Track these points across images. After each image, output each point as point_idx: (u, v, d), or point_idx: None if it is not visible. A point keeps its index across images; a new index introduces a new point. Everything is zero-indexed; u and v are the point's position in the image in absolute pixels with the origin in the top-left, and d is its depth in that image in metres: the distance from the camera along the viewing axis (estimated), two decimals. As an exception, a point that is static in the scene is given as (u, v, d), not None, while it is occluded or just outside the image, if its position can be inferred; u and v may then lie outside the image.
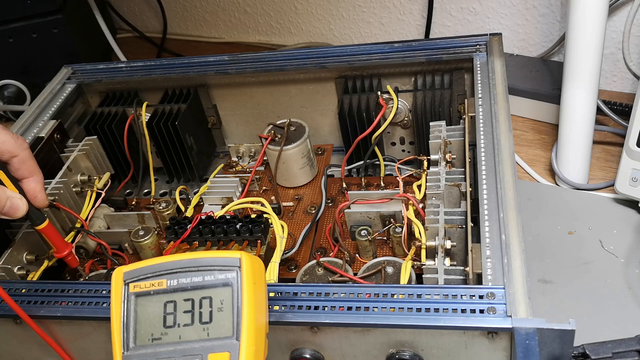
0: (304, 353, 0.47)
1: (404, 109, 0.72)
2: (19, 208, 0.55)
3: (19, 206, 0.55)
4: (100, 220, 0.73)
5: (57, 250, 0.62)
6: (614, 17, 0.88)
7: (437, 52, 0.69)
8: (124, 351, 0.42)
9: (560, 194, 0.78)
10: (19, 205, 0.55)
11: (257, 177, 0.74)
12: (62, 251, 0.62)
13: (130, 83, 0.79)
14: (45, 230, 0.59)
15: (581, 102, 0.73)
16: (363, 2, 1.08)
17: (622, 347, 0.45)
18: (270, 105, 0.78)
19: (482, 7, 0.98)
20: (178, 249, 0.62)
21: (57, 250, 0.62)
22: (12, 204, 0.54)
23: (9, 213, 0.54)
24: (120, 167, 0.79)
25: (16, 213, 0.55)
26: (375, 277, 0.56)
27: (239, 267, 0.42)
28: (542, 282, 0.66)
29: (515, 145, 0.86)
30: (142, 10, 1.32)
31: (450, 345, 0.44)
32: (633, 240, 0.69)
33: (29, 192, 0.57)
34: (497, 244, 0.47)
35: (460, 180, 0.58)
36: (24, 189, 0.56)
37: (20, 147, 0.55)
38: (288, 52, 0.74)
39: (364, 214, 0.64)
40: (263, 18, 1.20)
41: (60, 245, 0.61)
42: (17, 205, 0.55)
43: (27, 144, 0.56)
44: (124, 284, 0.43)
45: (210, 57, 0.77)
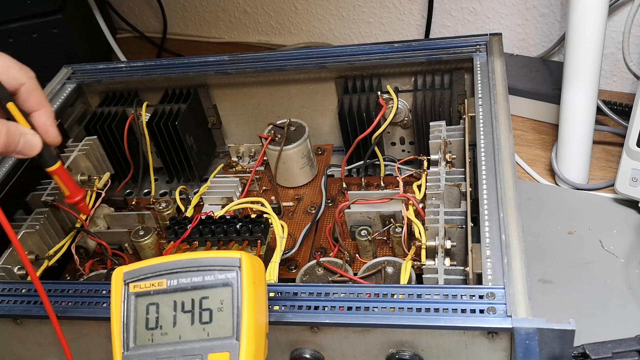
0: (304, 353, 0.47)
1: (404, 109, 0.72)
2: (34, 145, 0.50)
3: (34, 143, 0.50)
4: (100, 220, 0.73)
5: (70, 195, 0.57)
6: (614, 17, 0.88)
7: (437, 52, 0.69)
8: (124, 351, 0.42)
9: (560, 194, 0.78)
10: (34, 142, 0.50)
11: (257, 177, 0.74)
12: (74, 196, 0.58)
13: (130, 83, 0.79)
14: (58, 171, 0.55)
15: (581, 102, 0.73)
16: (363, 2, 1.08)
17: (622, 347, 0.45)
18: (270, 105, 0.78)
19: (482, 7, 0.98)
20: (178, 249, 0.62)
21: (69, 195, 0.57)
22: (26, 140, 0.49)
23: (23, 151, 0.50)
24: (120, 167, 0.79)
25: (31, 151, 0.50)
26: (375, 277, 0.56)
27: (239, 267, 0.42)
28: (542, 282, 0.66)
29: (515, 145, 0.86)
30: (142, 10, 1.32)
31: (450, 345, 0.44)
32: (633, 240, 0.69)
33: (39, 126, 0.51)
34: (497, 244, 0.47)
35: (460, 180, 0.58)
36: (34, 124, 0.51)
37: (27, 74, 0.51)
38: (288, 52, 0.74)
39: (364, 214, 0.64)
40: (263, 18, 1.20)
41: (74, 189, 0.57)
42: (31, 142, 0.50)
43: (33, 73, 0.51)
44: (124, 284, 0.43)
45: (210, 57, 0.77)
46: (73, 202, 0.58)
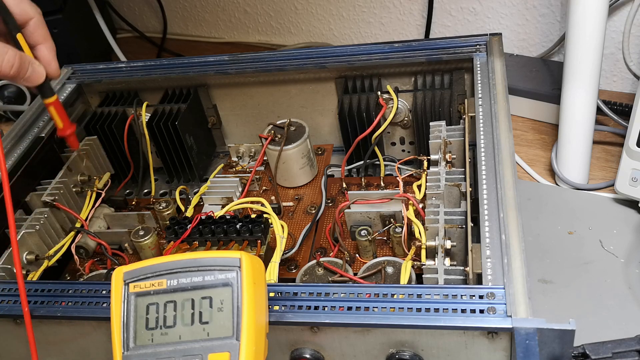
0: (304, 353, 0.47)
1: (404, 109, 0.72)
2: (39, 74, 0.54)
3: (40, 72, 0.54)
4: (100, 220, 0.73)
5: (63, 128, 0.61)
6: (614, 17, 0.88)
7: (437, 52, 0.69)
8: (124, 351, 0.42)
9: (560, 194, 0.78)
10: (40, 72, 0.54)
11: (257, 177, 0.74)
12: (67, 129, 0.61)
13: (130, 83, 0.79)
14: (54, 103, 0.59)
15: (581, 102, 0.73)
16: (363, 2, 1.08)
17: (622, 347, 0.45)
18: (270, 105, 0.78)
19: (482, 7, 0.98)
20: (178, 249, 0.62)
21: (62, 128, 0.61)
22: (33, 69, 0.53)
23: (30, 78, 0.53)
24: (120, 167, 0.79)
25: (37, 79, 0.54)
26: (375, 277, 0.56)
27: (239, 267, 0.42)
28: (542, 282, 0.66)
29: (515, 145, 0.86)
30: (142, 10, 1.32)
31: (450, 345, 0.44)
32: (633, 240, 0.69)
33: (43, 58, 0.55)
34: (497, 244, 0.47)
35: (460, 180, 0.58)
36: (38, 56, 0.55)
37: (36, 9, 0.55)
38: (288, 52, 0.74)
39: (364, 214, 0.64)
40: (263, 18, 1.20)
41: (67, 123, 0.61)
42: (38, 71, 0.54)
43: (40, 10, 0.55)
44: (124, 284, 0.43)
45: (210, 57, 0.77)
46: (65, 135, 0.62)
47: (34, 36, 0.55)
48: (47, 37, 0.56)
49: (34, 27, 0.55)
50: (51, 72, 0.56)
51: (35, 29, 0.55)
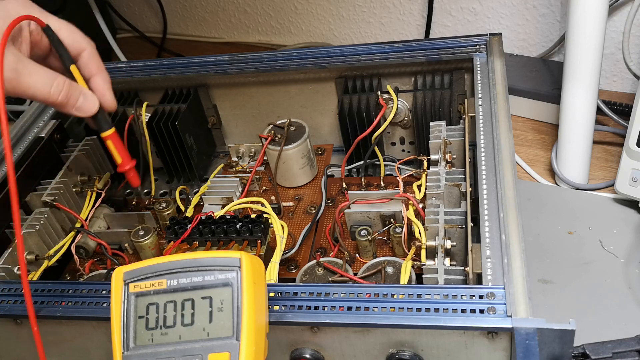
0: (304, 353, 0.47)
1: (404, 109, 0.72)
2: (92, 104, 0.54)
3: (92, 103, 0.54)
4: (100, 220, 0.73)
5: (122, 163, 0.59)
6: (614, 17, 0.88)
7: (437, 52, 0.69)
8: (124, 351, 0.42)
9: (560, 194, 0.78)
10: (92, 102, 0.54)
11: (257, 177, 0.74)
12: (126, 164, 0.59)
13: (130, 83, 0.79)
14: (112, 137, 0.57)
15: (581, 102, 0.73)
16: (363, 2, 1.08)
17: (622, 347, 0.45)
18: (270, 105, 0.78)
19: (482, 7, 0.98)
20: (178, 249, 0.62)
21: (122, 164, 0.59)
22: (85, 99, 0.53)
23: (82, 109, 0.53)
24: (121, 167, 0.79)
25: (89, 110, 0.53)
26: (375, 277, 0.56)
27: (239, 267, 0.42)
28: (542, 282, 0.66)
29: (515, 145, 0.86)
30: (142, 10, 1.32)
31: (450, 345, 0.44)
32: (633, 240, 0.69)
33: (97, 90, 0.55)
34: (497, 244, 0.47)
35: (460, 180, 0.58)
36: (92, 88, 0.55)
37: (89, 42, 0.55)
38: (288, 52, 0.74)
39: (364, 214, 0.64)
40: (263, 18, 1.20)
41: (126, 158, 0.59)
42: (90, 101, 0.54)
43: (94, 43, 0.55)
44: (124, 284, 0.43)
45: (210, 57, 0.77)
46: (124, 171, 0.59)
47: (88, 68, 0.55)
48: (101, 69, 0.56)
49: (88, 58, 0.55)
50: (106, 104, 0.56)
51: (88, 61, 0.55)
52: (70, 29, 0.54)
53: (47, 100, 0.51)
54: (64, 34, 0.54)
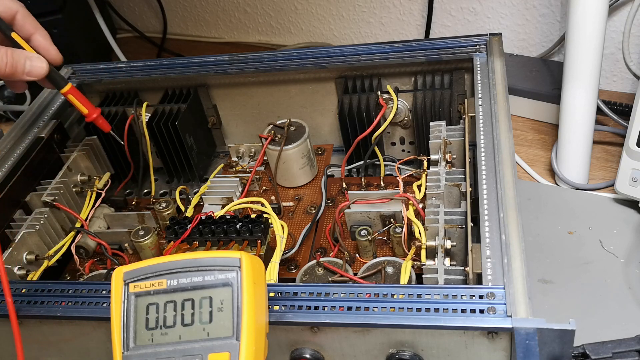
0: (304, 353, 0.47)
1: (404, 109, 0.72)
2: (40, 66, 0.54)
3: (40, 64, 0.54)
4: (100, 220, 0.73)
5: (88, 114, 0.62)
6: (614, 17, 0.88)
7: (437, 52, 0.69)
8: (124, 351, 0.42)
9: (560, 194, 0.78)
10: (39, 65, 0.54)
11: (257, 177, 0.74)
12: (92, 114, 0.62)
13: (130, 83, 0.79)
14: (71, 91, 0.59)
15: (581, 102, 0.73)
16: (363, 2, 1.08)
17: (622, 347, 0.45)
18: (270, 105, 0.78)
19: (482, 7, 0.98)
20: (178, 249, 0.62)
21: (88, 114, 0.62)
22: (32, 63, 0.53)
23: (32, 72, 0.54)
24: (120, 167, 0.79)
25: (40, 70, 0.54)
26: (375, 277, 0.56)
27: (239, 267, 0.42)
28: (542, 282, 0.66)
29: (515, 145, 0.86)
30: (142, 10, 1.32)
31: (450, 345, 0.44)
32: (633, 240, 0.69)
33: (40, 48, 0.55)
34: (497, 244, 0.47)
35: (460, 180, 0.58)
36: (34, 46, 0.55)
37: (18, 3, 0.55)
38: (288, 52, 0.74)
39: (364, 214, 0.64)
40: (263, 18, 1.20)
41: (90, 108, 0.61)
42: (37, 65, 0.54)
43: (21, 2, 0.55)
44: (124, 284, 0.43)
45: (210, 57, 0.77)
46: (92, 120, 0.63)
47: (25, 28, 0.55)
48: (37, 26, 0.56)
49: (22, 19, 0.55)
50: (52, 59, 0.56)
51: (24, 21, 0.55)
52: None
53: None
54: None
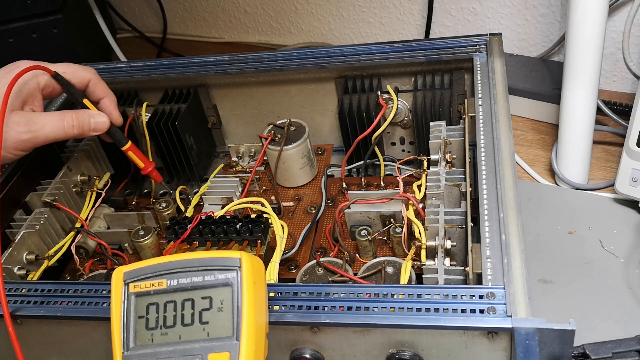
0: (304, 353, 0.47)
1: (404, 109, 0.72)
2: (102, 123, 0.62)
3: (102, 122, 0.62)
4: (100, 220, 0.73)
5: (145, 167, 0.68)
6: (614, 17, 0.88)
7: (437, 52, 0.69)
8: (124, 351, 0.42)
9: (560, 194, 0.78)
10: (102, 121, 0.63)
11: (257, 177, 0.74)
12: (147, 167, 0.68)
13: (130, 83, 0.79)
14: (131, 148, 0.67)
15: (581, 102, 0.73)
16: (363, 2, 1.08)
17: (622, 347, 0.45)
18: (270, 105, 0.78)
19: (482, 7, 0.98)
20: (178, 249, 0.62)
21: (144, 168, 0.68)
22: (95, 121, 0.62)
23: (96, 129, 0.62)
24: (120, 167, 0.79)
25: (101, 127, 0.63)
26: (375, 277, 0.56)
27: (239, 267, 0.42)
28: (542, 282, 0.66)
29: (515, 145, 0.86)
30: (142, 10, 1.32)
31: (450, 345, 0.44)
32: (633, 240, 0.69)
33: (105, 110, 0.64)
34: (497, 244, 0.47)
35: (460, 180, 0.58)
36: (101, 108, 0.64)
37: (90, 71, 0.63)
38: (288, 52, 0.74)
39: (364, 214, 0.64)
40: (263, 18, 1.20)
41: (146, 162, 0.68)
42: (100, 121, 0.62)
43: (94, 69, 0.64)
44: (124, 284, 0.43)
45: (210, 57, 0.77)
46: (147, 173, 0.69)
47: (95, 94, 0.64)
48: (107, 91, 0.65)
49: (93, 86, 0.64)
50: (114, 120, 0.65)
51: (94, 88, 0.64)
52: (71, 68, 0.62)
53: (66, 137, 0.60)
54: (69, 74, 0.62)
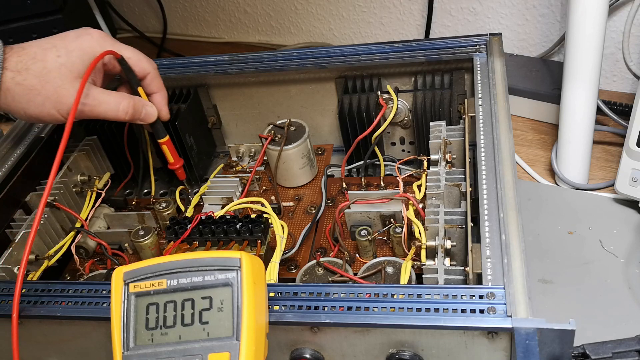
0: (304, 353, 0.47)
1: (404, 109, 0.72)
2: (152, 114, 0.65)
3: (152, 112, 0.65)
4: (100, 220, 0.73)
5: (173, 163, 0.70)
6: (614, 17, 0.88)
7: (437, 52, 0.69)
8: (124, 351, 0.42)
9: (560, 194, 0.78)
10: (152, 112, 0.65)
11: (257, 177, 0.74)
12: (176, 164, 0.71)
13: (130, 83, 0.79)
14: (167, 142, 0.69)
15: (581, 102, 0.73)
16: (363, 2, 1.08)
17: (622, 347, 0.45)
18: (270, 105, 0.78)
19: (482, 7, 0.98)
20: (178, 249, 0.62)
21: (172, 163, 0.70)
22: (147, 111, 0.65)
23: (144, 119, 0.65)
24: (120, 167, 0.79)
25: (150, 118, 0.65)
26: (375, 277, 0.56)
27: (239, 267, 0.42)
28: (542, 282, 0.66)
29: (515, 145, 0.86)
30: (142, 10, 1.32)
31: (450, 345, 0.44)
32: (633, 240, 0.69)
33: (156, 104, 0.66)
34: (497, 244, 0.47)
35: (460, 180, 0.58)
36: (152, 102, 0.66)
37: (152, 65, 0.66)
38: (288, 52, 0.74)
39: (364, 214, 0.64)
40: (263, 18, 1.20)
41: (176, 158, 0.71)
42: (150, 112, 0.65)
43: (155, 65, 0.67)
44: (124, 284, 0.43)
45: (210, 57, 0.77)
46: (174, 168, 0.71)
47: (150, 87, 0.66)
48: (161, 87, 0.67)
49: (151, 79, 0.66)
50: (162, 116, 0.67)
51: (151, 82, 0.66)
52: (138, 56, 0.65)
53: (117, 119, 0.62)
54: (133, 61, 0.64)
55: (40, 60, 0.58)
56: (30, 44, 0.59)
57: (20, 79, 0.57)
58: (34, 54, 0.58)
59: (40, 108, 0.58)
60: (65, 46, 0.59)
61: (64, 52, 0.59)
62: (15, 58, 0.57)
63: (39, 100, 0.58)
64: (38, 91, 0.57)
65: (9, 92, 0.57)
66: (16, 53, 0.58)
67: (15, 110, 0.59)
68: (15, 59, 0.57)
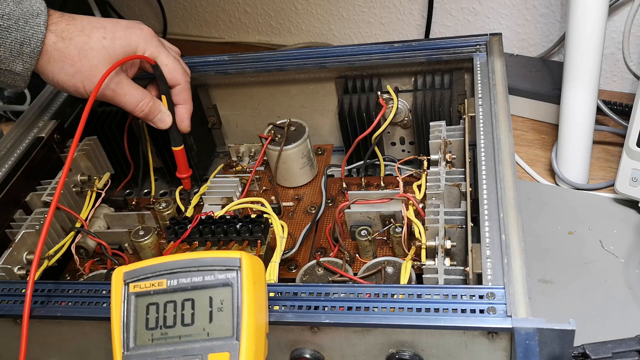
0: (304, 353, 0.47)
1: (404, 109, 0.72)
2: (165, 121, 0.66)
3: (165, 120, 0.66)
4: (100, 220, 0.73)
5: (181, 172, 0.71)
6: (614, 17, 0.88)
7: (437, 52, 0.69)
8: (124, 351, 0.42)
9: (560, 194, 0.78)
10: (165, 120, 0.66)
11: (257, 177, 0.74)
12: (183, 173, 0.71)
13: (130, 83, 0.79)
14: (179, 152, 0.69)
15: (581, 102, 0.73)
16: (363, 2, 1.08)
17: (622, 347, 0.45)
18: (270, 105, 0.78)
19: (482, 7, 0.98)
20: (178, 249, 0.62)
21: (181, 171, 0.71)
22: (161, 117, 0.66)
23: (156, 123, 0.66)
24: (120, 167, 0.79)
25: (161, 125, 0.66)
26: (375, 277, 0.56)
27: (239, 267, 0.42)
28: (542, 282, 0.66)
29: (515, 145, 0.86)
30: (142, 10, 1.32)
31: (450, 345, 0.44)
32: (633, 240, 0.69)
33: (178, 115, 0.67)
34: (497, 244, 0.47)
35: (460, 180, 0.58)
36: (175, 112, 0.67)
37: (185, 77, 0.66)
38: (288, 52, 0.74)
39: (364, 214, 0.64)
40: (263, 18, 1.20)
41: (185, 169, 0.71)
42: (164, 119, 0.66)
43: (189, 77, 0.67)
44: (124, 284, 0.43)
45: (210, 57, 0.77)
46: (181, 177, 0.72)
47: (177, 97, 0.67)
48: (188, 100, 0.67)
49: (179, 91, 0.66)
50: (183, 128, 0.68)
51: (179, 92, 0.66)
52: (174, 65, 0.65)
53: (133, 113, 0.64)
54: (167, 69, 0.65)
55: (87, 35, 0.60)
56: (82, 17, 0.62)
57: (61, 45, 0.59)
58: (82, 27, 0.60)
59: (69, 78, 0.60)
60: (114, 31, 0.61)
61: (110, 36, 0.60)
62: (64, 25, 0.59)
63: (71, 70, 0.59)
64: (73, 62, 0.59)
65: (46, 54, 0.59)
66: (65, 21, 0.60)
67: (44, 72, 0.60)
68: (63, 26, 0.59)
